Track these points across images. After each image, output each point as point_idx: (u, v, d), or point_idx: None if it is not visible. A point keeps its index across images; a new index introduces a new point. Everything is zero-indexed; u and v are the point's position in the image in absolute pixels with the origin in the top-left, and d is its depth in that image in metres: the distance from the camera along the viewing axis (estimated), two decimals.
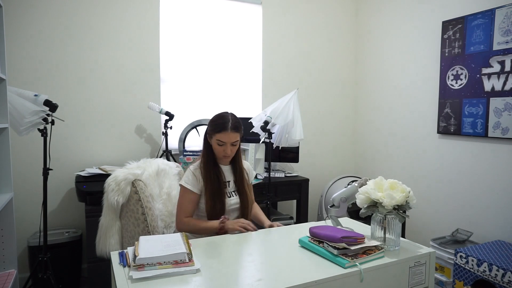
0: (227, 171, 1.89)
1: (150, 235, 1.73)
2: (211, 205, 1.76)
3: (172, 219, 1.99)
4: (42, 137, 2.26)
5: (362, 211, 1.47)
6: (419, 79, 3.14)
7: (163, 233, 1.92)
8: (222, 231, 1.67)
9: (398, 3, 3.33)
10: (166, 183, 2.08)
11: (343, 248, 1.30)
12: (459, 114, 2.76)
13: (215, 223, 1.69)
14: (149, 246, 1.30)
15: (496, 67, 2.49)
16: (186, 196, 1.78)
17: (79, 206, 2.81)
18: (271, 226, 1.80)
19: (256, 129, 2.76)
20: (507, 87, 2.43)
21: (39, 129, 2.27)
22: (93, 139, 2.88)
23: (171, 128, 2.91)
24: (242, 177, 1.88)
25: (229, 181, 1.87)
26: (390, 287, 1.33)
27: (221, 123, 1.77)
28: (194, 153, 2.88)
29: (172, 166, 2.18)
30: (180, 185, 1.80)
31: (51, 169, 2.32)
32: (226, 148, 1.77)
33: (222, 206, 1.78)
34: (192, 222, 1.75)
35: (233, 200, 1.85)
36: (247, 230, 1.65)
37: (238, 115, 1.87)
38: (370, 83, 3.70)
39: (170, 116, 2.89)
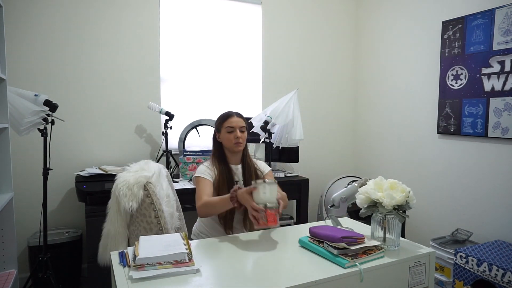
0: (237, 170, 1.91)
1: None
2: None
3: (173, 219, 1.98)
4: (42, 137, 2.26)
5: (362, 211, 1.47)
6: (419, 79, 3.14)
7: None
8: (234, 200, 1.54)
9: (398, 3, 3.33)
10: (164, 184, 2.08)
11: (343, 248, 1.30)
12: (459, 114, 2.76)
13: (226, 196, 1.60)
14: (149, 246, 1.30)
15: (496, 67, 2.49)
16: (203, 183, 1.80)
17: (79, 206, 2.81)
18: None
19: (256, 129, 2.76)
20: (507, 87, 2.44)
21: (39, 129, 2.28)
22: (93, 139, 2.88)
23: (171, 128, 2.91)
24: (250, 177, 1.89)
25: (237, 181, 1.88)
26: (390, 287, 1.33)
27: (226, 114, 1.93)
28: (194, 153, 2.88)
29: (163, 168, 2.16)
30: (196, 177, 1.83)
31: (51, 169, 2.32)
32: (236, 132, 1.86)
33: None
34: (208, 201, 1.72)
35: None
36: (257, 222, 1.45)
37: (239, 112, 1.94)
38: (370, 83, 3.70)
39: (170, 116, 2.89)
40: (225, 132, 1.87)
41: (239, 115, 1.94)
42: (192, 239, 1.88)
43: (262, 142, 2.82)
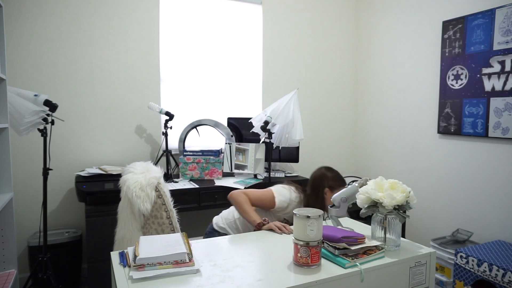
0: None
1: None
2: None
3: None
4: (42, 137, 2.26)
5: (362, 211, 1.47)
6: (419, 79, 3.14)
7: None
8: (258, 228, 1.71)
9: (398, 3, 3.33)
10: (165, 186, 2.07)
11: (344, 248, 1.30)
12: (460, 114, 2.76)
13: (257, 218, 1.74)
14: (149, 246, 1.29)
15: (496, 67, 2.49)
16: (267, 196, 1.86)
17: (79, 206, 2.81)
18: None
19: (256, 129, 2.76)
20: (507, 87, 2.43)
21: (39, 129, 2.27)
22: (93, 139, 2.88)
23: (171, 128, 2.91)
24: None
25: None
26: (390, 287, 1.33)
27: (343, 179, 1.99)
28: (194, 153, 2.88)
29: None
30: (272, 190, 1.88)
31: (51, 169, 2.32)
32: None
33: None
34: (246, 200, 1.81)
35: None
36: (282, 231, 1.64)
37: (238, 115, 1.90)
38: (370, 83, 3.69)
39: (170, 116, 2.89)
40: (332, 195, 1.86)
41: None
42: (217, 232, 1.91)
43: (262, 142, 2.82)
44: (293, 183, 2.03)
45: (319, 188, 1.94)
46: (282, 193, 1.89)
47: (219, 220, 1.99)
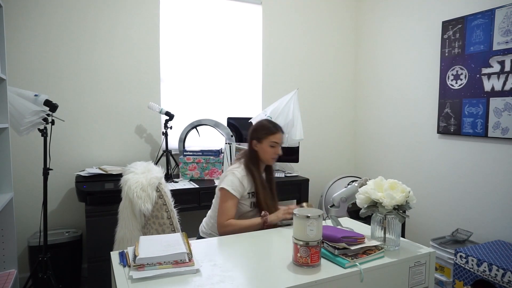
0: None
1: None
2: (265, 207, 1.85)
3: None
4: (42, 137, 2.26)
5: (362, 211, 1.47)
6: (419, 79, 3.14)
7: None
8: (266, 225, 1.74)
9: (398, 3, 3.33)
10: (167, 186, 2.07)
11: (343, 248, 1.30)
12: (459, 114, 2.76)
13: (257, 220, 1.77)
14: (149, 246, 1.30)
15: (496, 67, 2.49)
16: (230, 201, 1.82)
17: (79, 206, 2.81)
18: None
19: None
20: (507, 87, 2.44)
21: (39, 129, 2.27)
22: (93, 139, 2.88)
23: (171, 128, 2.91)
24: (273, 186, 2.01)
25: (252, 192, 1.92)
26: (390, 287, 1.33)
27: (273, 127, 1.92)
28: (194, 153, 2.88)
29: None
30: (223, 188, 1.82)
31: (51, 169, 2.32)
32: (277, 149, 1.92)
33: (275, 204, 1.93)
34: (235, 223, 1.78)
35: (250, 213, 1.91)
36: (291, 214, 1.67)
37: (238, 115, 1.91)
38: (370, 83, 3.70)
39: (170, 116, 2.89)
40: (268, 145, 1.89)
41: (283, 131, 1.97)
42: (202, 237, 1.89)
43: None
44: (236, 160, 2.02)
45: (249, 144, 1.94)
46: (229, 182, 1.83)
47: (202, 227, 2.00)
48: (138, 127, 3.03)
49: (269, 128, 1.92)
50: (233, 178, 1.84)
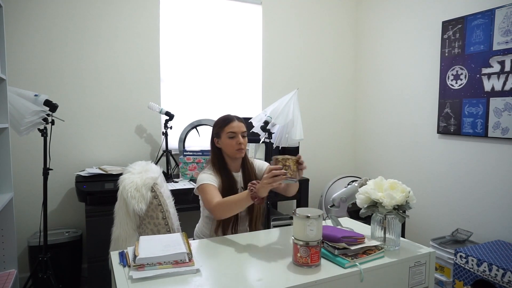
0: (238, 177, 1.83)
1: None
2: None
3: (174, 219, 1.98)
4: (42, 137, 2.26)
5: (362, 211, 1.47)
6: (419, 79, 3.14)
7: None
8: (255, 198, 1.47)
9: (398, 3, 3.33)
10: (164, 185, 2.07)
11: (343, 248, 1.30)
12: (459, 114, 2.76)
13: (244, 193, 1.52)
14: (149, 246, 1.30)
15: (496, 67, 2.49)
16: (209, 188, 1.66)
17: (79, 206, 2.81)
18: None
19: (256, 129, 2.76)
20: (507, 87, 2.44)
21: (39, 129, 2.27)
22: (93, 139, 2.88)
23: (171, 128, 2.91)
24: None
25: (239, 188, 1.81)
26: (390, 287, 1.33)
27: (226, 118, 1.82)
28: (194, 153, 2.88)
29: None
30: (201, 185, 1.69)
31: (51, 169, 2.32)
32: (238, 138, 1.76)
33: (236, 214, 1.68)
34: (223, 200, 1.59)
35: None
36: (279, 177, 1.41)
37: (238, 115, 1.89)
38: (370, 83, 3.70)
39: (170, 116, 2.89)
40: (226, 137, 1.76)
41: (239, 119, 1.83)
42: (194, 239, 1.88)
43: (262, 142, 2.82)
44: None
45: (211, 144, 1.84)
46: (201, 179, 1.73)
47: (196, 232, 1.93)
48: (138, 127, 3.03)
49: (223, 120, 1.81)
50: (203, 176, 1.74)
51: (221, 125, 1.80)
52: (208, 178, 1.72)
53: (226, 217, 1.62)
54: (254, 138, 2.97)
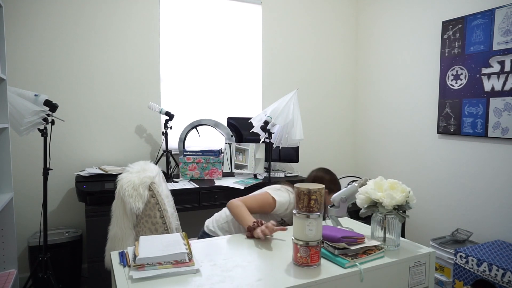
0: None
1: None
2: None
3: (173, 219, 1.98)
4: (42, 137, 2.26)
5: (362, 211, 1.47)
6: (419, 79, 3.14)
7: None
8: (249, 231, 1.56)
9: (398, 3, 3.33)
10: (163, 184, 2.08)
11: (343, 248, 1.30)
12: (459, 114, 2.76)
13: (248, 220, 1.61)
14: (149, 246, 1.30)
15: (496, 67, 2.49)
16: (266, 201, 1.81)
17: (79, 206, 2.82)
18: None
19: (256, 129, 2.76)
20: (507, 87, 2.44)
21: (39, 129, 2.27)
22: (93, 139, 2.88)
23: (171, 128, 2.91)
24: None
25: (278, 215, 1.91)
26: (390, 287, 1.33)
27: (340, 186, 1.99)
28: (194, 153, 2.88)
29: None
30: (269, 193, 1.82)
31: (51, 169, 2.32)
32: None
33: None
34: (240, 207, 1.70)
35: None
36: (264, 234, 1.51)
37: (238, 115, 1.88)
38: (370, 83, 3.70)
39: (170, 116, 2.89)
40: (328, 198, 1.84)
41: None
42: (208, 234, 1.88)
43: (262, 142, 2.82)
44: (287, 183, 2.01)
45: (325, 194, 1.92)
46: (281, 195, 1.86)
47: (210, 223, 1.97)
48: (138, 127, 3.03)
49: (339, 184, 1.99)
50: (285, 195, 1.86)
51: (339, 187, 1.94)
52: (281, 203, 1.83)
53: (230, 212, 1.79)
54: (254, 138, 2.98)
